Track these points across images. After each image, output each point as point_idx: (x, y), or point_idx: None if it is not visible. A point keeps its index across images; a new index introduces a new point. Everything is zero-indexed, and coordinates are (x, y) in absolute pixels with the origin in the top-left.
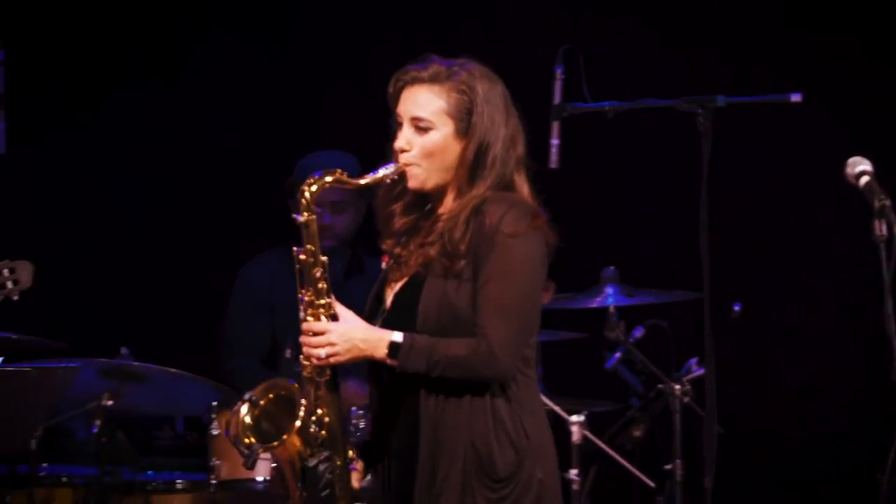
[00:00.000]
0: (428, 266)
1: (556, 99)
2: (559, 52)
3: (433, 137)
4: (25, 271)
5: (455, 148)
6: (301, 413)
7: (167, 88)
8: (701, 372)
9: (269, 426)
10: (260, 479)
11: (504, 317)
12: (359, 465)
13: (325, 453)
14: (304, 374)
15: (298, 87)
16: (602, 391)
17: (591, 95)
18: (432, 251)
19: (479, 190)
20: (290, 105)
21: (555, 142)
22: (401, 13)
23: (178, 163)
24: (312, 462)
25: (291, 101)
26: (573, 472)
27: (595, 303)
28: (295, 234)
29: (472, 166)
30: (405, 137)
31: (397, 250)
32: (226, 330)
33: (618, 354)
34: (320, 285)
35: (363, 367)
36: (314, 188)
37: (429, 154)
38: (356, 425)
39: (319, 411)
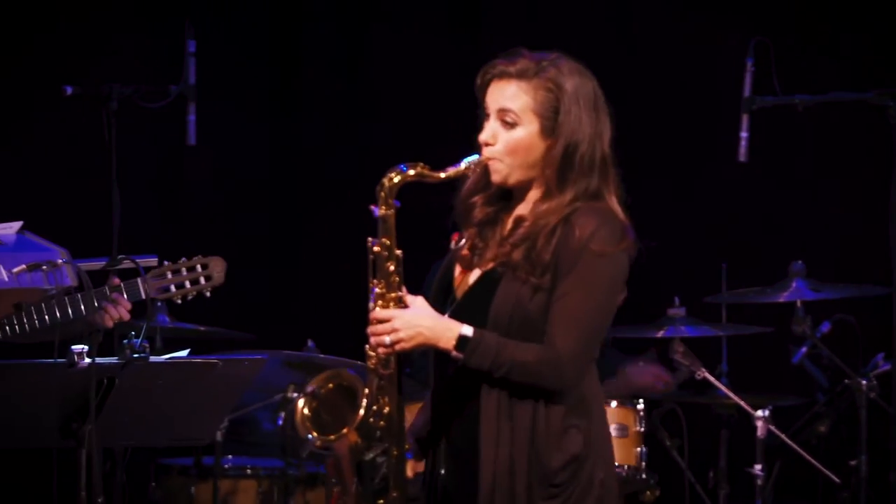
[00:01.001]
0: (506, 266)
1: (747, 92)
2: (750, 44)
3: (518, 134)
4: (218, 267)
5: (539, 146)
6: (362, 405)
7: (351, 82)
8: (888, 367)
9: (329, 417)
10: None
11: (577, 332)
12: (415, 454)
13: (383, 445)
14: (369, 364)
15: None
16: (788, 386)
17: (780, 88)
18: (515, 254)
19: (568, 197)
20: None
21: (744, 135)
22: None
23: (358, 158)
24: (370, 455)
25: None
26: (757, 467)
27: (782, 297)
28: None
29: (560, 167)
30: (490, 130)
31: (474, 239)
32: None
33: (804, 349)
34: (393, 278)
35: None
36: (396, 181)
37: (512, 150)
38: None
39: (380, 401)
